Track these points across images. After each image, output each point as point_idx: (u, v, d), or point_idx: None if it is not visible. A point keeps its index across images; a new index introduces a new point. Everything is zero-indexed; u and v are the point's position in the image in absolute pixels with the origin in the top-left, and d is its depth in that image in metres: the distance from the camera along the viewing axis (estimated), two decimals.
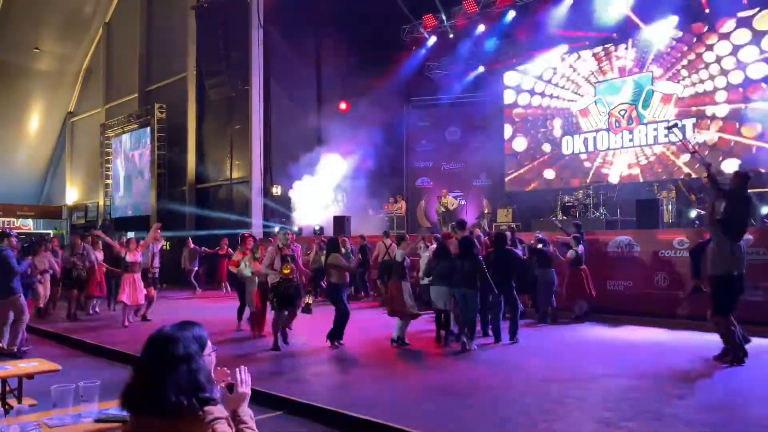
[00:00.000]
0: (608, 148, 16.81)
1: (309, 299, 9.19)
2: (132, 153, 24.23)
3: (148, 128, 22.62)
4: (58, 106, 29.35)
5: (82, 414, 3.28)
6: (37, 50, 26.08)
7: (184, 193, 21.33)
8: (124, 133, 24.57)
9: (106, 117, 26.36)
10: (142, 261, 11.03)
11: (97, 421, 3.22)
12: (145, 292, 10.92)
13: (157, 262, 12.21)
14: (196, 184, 21.12)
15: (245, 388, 2.19)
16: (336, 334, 8.40)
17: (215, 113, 20.63)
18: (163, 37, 23.07)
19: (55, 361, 4.99)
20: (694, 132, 15.14)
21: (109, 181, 25.58)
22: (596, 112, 17.10)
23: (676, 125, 12.38)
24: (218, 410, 2.01)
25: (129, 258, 10.62)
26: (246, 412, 2.17)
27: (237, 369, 2.23)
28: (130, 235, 18.50)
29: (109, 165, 25.60)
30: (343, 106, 19.70)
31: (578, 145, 17.47)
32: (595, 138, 17.12)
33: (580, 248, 10.34)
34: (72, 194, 29.09)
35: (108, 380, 3.53)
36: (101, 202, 25.86)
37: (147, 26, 24.17)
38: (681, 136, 10.48)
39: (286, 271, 8.26)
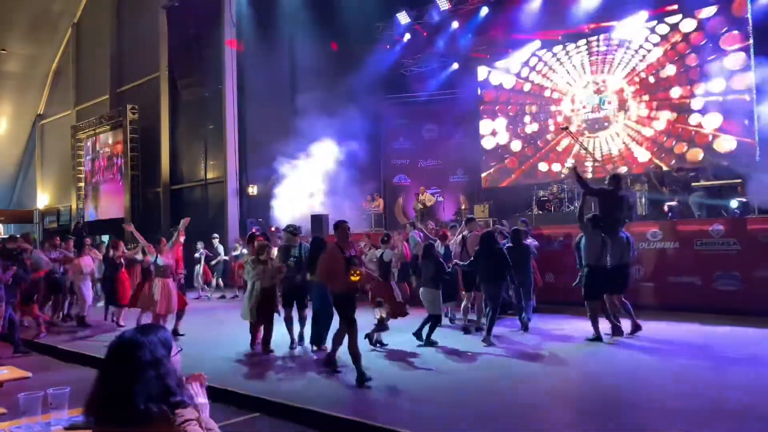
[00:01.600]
0: (581, 143, 16.96)
1: (382, 312, 7.32)
2: (104, 155, 23.86)
3: (121, 130, 22.31)
4: (27, 109, 28.78)
5: (51, 422, 3.21)
6: (3, 51, 25.53)
7: (158, 194, 21.08)
8: (95, 135, 24.18)
9: (77, 119, 25.92)
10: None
11: (67, 428, 3.15)
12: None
13: (182, 266, 10.64)
14: (171, 185, 20.87)
15: (202, 399, 2.13)
16: (322, 337, 8.01)
17: (189, 113, 20.41)
18: (134, 37, 22.75)
19: (27, 369, 4.88)
20: (665, 125, 15.36)
21: (82, 184, 25.16)
22: (570, 107, 17.25)
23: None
24: (189, 412, 1.97)
25: (161, 260, 9.17)
26: (209, 421, 2.09)
27: (188, 384, 2.13)
28: (105, 239, 18.21)
29: (81, 168, 25.17)
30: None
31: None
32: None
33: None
34: (43, 198, 28.56)
35: (80, 387, 3.46)
36: (74, 206, 25.42)
37: (117, 26, 23.82)
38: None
39: (355, 278, 6.38)
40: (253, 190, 18.63)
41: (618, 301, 8.18)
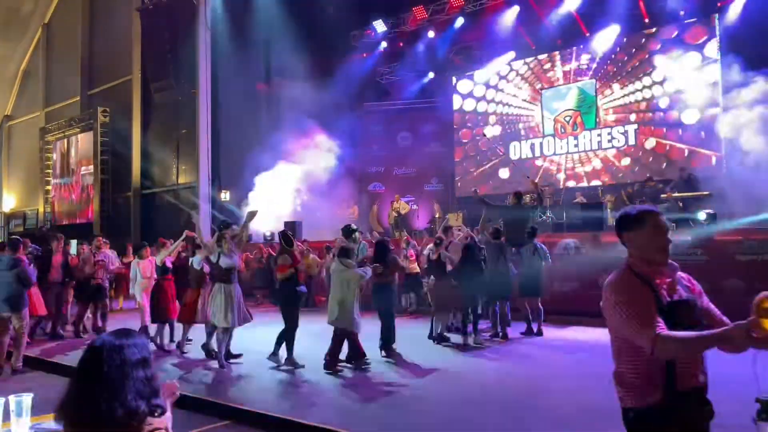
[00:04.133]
0: (554, 153, 17.20)
1: None
2: (73, 158, 23.41)
3: (91, 132, 21.92)
4: None
5: (12, 430, 3.11)
6: None
7: (128, 199, 20.74)
8: (65, 137, 23.73)
9: (45, 121, 25.41)
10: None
11: None
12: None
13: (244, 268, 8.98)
14: (141, 190, 20.56)
15: (168, 413, 2.08)
16: (389, 340, 7.88)
17: (161, 117, 20.16)
18: (107, 38, 22.43)
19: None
20: (636, 137, 15.65)
21: (50, 188, 24.64)
22: (542, 118, 17.48)
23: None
24: (158, 420, 1.92)
25: (225, 261, 7.48)
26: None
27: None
28: (73, 243, 17.81)
29: (49, 171, 24.66)
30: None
31: (525, 151, 17.81)
32: (541, 143, 17.50)
33: None
34: (9, 201, 27.88)
35: (43, 393, 3.37)
36: (41, 209, 24.88)
37: (89, 27, 23.46)
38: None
39: None
40: (225, 195, 18.44)
41: (534, 305, 9.33)
